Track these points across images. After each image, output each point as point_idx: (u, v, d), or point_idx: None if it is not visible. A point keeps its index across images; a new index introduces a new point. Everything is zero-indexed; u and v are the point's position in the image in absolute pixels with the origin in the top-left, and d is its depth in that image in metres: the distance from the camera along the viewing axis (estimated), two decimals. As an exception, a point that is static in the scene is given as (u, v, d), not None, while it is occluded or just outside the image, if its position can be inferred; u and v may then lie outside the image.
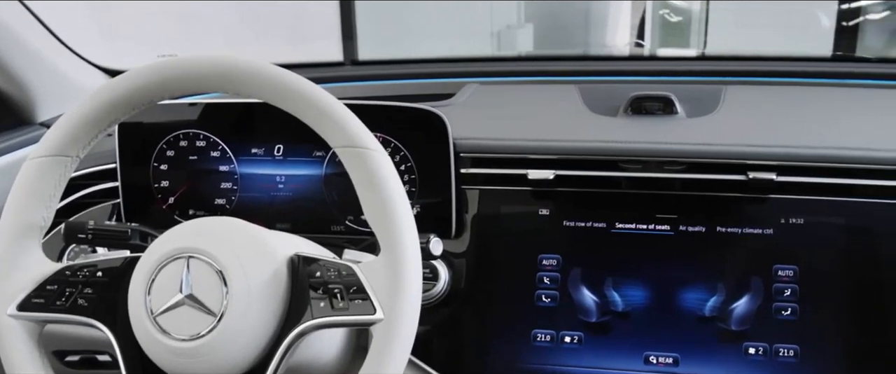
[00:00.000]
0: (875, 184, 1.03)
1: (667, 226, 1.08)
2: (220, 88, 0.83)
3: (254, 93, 0.82)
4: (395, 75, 1.43)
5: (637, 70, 1.38)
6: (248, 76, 0.81)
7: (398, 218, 0.80)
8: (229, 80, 0.82)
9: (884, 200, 1.03)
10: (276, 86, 0.81)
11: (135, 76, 0.84)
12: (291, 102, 0.82)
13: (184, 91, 0.85)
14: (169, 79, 0.84)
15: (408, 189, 1.11)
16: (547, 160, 1.10)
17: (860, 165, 1.04)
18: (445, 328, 1.11)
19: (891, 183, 1.03)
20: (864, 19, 4.01)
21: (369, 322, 0.78)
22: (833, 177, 1.04)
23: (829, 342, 1.02)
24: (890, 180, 1.03)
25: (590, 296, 1.08)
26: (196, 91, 0.85)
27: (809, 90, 1.30)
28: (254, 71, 0.81)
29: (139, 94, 0.84)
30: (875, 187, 1.03)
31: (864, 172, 1.04)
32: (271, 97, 0.82)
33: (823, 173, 1.04)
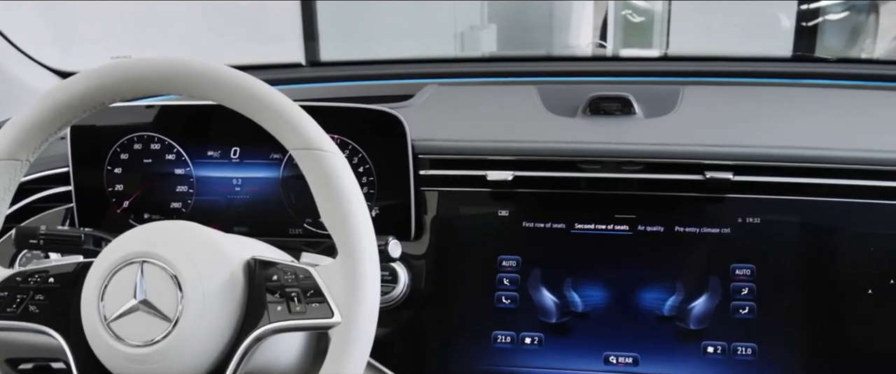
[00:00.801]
0: (831, 183, 1.05)
1: (625, 226, 1.09)
2: (174, 90, 0.83)
3: (207, 95, 0.82)
4: (353, 76, 1.44)
5: (596, 70, 1.40)
6: (202, 78, 0.81)
7: (355, 220, 0.80)
8: (182, 82, 0.82)
9: (839, 198, 1.05)
10: (230, 88, 0.81)
11: (86, 78, 0.83)
12: (246, 105, 0.82)
13: (136, 93, 0.84)
14: (121, 81, 0.83)
15: (366, 191, 1.11)
16: (506, 161, 1.11)
17: (816, 164, 1.06)
18: (405, 331, 1.12)
19: (846, 182, 1.05)
20: (824, 20, 4.08)
21: (327, 326, 0.78)
22: (789, 176, 1.06)
23: (785, 339, 1.04)
24: (845, 179, 1.05)
25: (549, 297, 1.09)
26: (149, 93, 0.84)
27: (767, 90, 1.32)
28: (207, 73, 0.81)
29: (91, 96, 0.84)
30: (831, 186, 1.05)
31: (820, 172, 1.06)
32: (225, 99, 0.82)
33: (780, 173, 1.06)
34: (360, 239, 0.80)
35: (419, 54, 1.63)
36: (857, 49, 4.33)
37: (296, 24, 3.39)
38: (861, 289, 1.02)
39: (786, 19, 4.07)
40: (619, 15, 4.83)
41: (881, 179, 1.04)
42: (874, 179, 1.04)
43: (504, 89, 1.34)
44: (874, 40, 4.39)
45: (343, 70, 1.48)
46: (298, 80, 1.43)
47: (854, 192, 1.05)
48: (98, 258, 0.82)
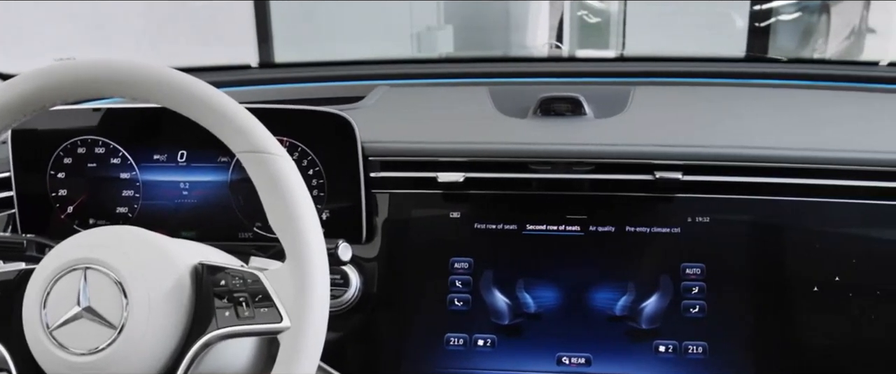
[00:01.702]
0: (779, 182, 1.07)
1: (577, 227, 1.10)
2: (117, 92, 0.82)
3: (151, 97, 0.82)
4: (304, 78, 1.43)
5: (547, 71, 1.41)
6: (144, 80, 0.81)
7: (303, 224, 0.80)
8: (125, 84, 0.81)
9: (787, 197, 1.07)
10: (174, 90, 0.81)
11: (26, 80, 0.82)
12: (190, 107, 0.81)
13: (78, 96, 0.83)
14: (62, 83, 0.82)
15: (316, 194, 1.11)
16: (456, 163, 1.11)
17: (765, 163, 1.08)
18: (358, 334, 1.12)
19: (794, 181, 1.07)
20: (777, 20, 4.15)
21: (276, 330, 0.78)
22: (738, 176, 1.08)
23: (735, 338, 1.06)
24: (794, 178, 1.07)
25: (502, 298, 1.10)
26: (91, 96, 0.84)
27: (718, 90, 1.34)
28: (149, 75, 0.81)
29: (31, 99, 0.83)
30: (779, 185, 1.07)
31: (768, 171, 1.08)
32: (169, 102, 0.81)
33: (729, 172, 1.08)
34: (308, 242, 0.80)
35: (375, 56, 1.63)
36: (810, 49, 4.40)
37: (250, 27, 3.38)
38: (807, 287, 1.05)
39: (740, 20, 4.12)
40: (574, 16, 4.86)
41: (828, 178, 1.06)
42: (822, 178, 1.06)
43: (455, 90, 1.34)
44: (826, 40, 4.47)
45: (294, 72, 1.47)
46: (248, 82, 1.43)
47: (801, 191, 1.07)
48: (40, 265, 0.81)
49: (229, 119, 0.81)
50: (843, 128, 1.15)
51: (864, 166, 1.06)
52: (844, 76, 1.37)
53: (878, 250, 1.05)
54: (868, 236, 1.06)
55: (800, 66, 1.51)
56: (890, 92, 1.31)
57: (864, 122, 1.18)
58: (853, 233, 1.06)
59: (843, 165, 1.06)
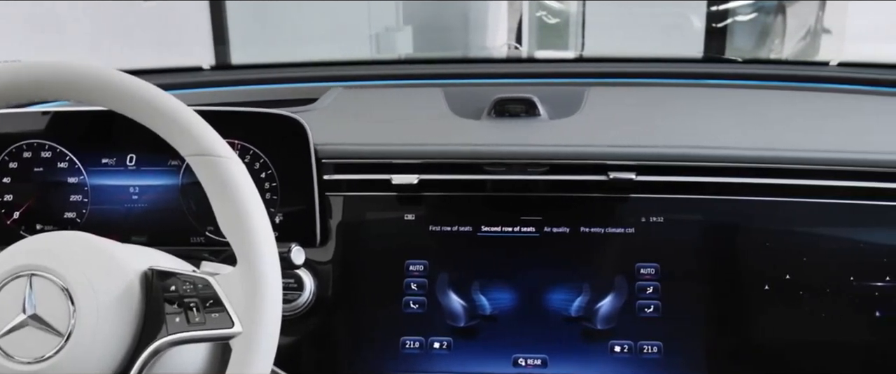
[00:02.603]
0: (731, 181, 1.09)
1: (532, 228, 1.11)
2: (61, 95, 0.82)
3: (96, 100, 0.81)
4: (257, 80, 1.42)
5: (502, 72, 1.42)
6: (89, 82, 0.80)
7: (254, 227, 0.80)
8: (70, 86, 0.81)
9: (739, 197, 1.09)
10: (119, 92, 0.80)
11: None
12: (137, 109, 0.81)
13: (21, 99, 0.83)
14: (6, 86, 0.81)
15: (269, 197, 1.11)
16: (411, 165, 1.12)
17: (716, 163, 1.09)
18: (312, 338, 1.12)
19: (746, 180, 1.09)
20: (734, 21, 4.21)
21: (227, 336, 0.78)
22: (691, 176, 1.09)
23: (690, 337, 1.07)
24: (745, 178, 1.09)
25: (457, 301, 1.10)
26: (35, 99, 0.83)
27: (673, 91, 1.36)
28: (94, 77, 0.80)
29: None
30: (731, 185, 1.09)
31: (720, 170, 1.09)
32: (115, 104, 0.81)
33: (682, 172, 1.09)
34: (259, 246, 0.80)
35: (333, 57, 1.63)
36: (767, 49, 4.48)
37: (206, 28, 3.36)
38: (758, 285, 1.06)
39: (698, 21, 4.18)
40: (533, 16, 4.89)
41: (780, 178, 1.08)
42: (773, 178, 1.08)
43: (410, 92, 1.35)
44: (783, 41, 4.54)
45: (247, 73, 1.46)
46: (200, 84, 1.41)
47: (753, 190, 1.08)
48: (-17, 272, 0.80)
49: (177, 122, 0.81)
50: (794, 127, 1.17)
51: (813, 165, 1.08)
52: (797, 76, 1.39)
53: (828, 248, 1.07)
54: (818, 235, 1.08)
55: (754, 66, 1.53)
56: (840, 91, 1.33)
57: (814, 121, 1.20)
58: (804, 231, 1.08)
59: (794, 165, 1.08)
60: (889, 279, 1.06)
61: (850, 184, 1.07)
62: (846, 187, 1.07)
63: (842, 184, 1.07)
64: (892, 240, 1.07)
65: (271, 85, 1.42)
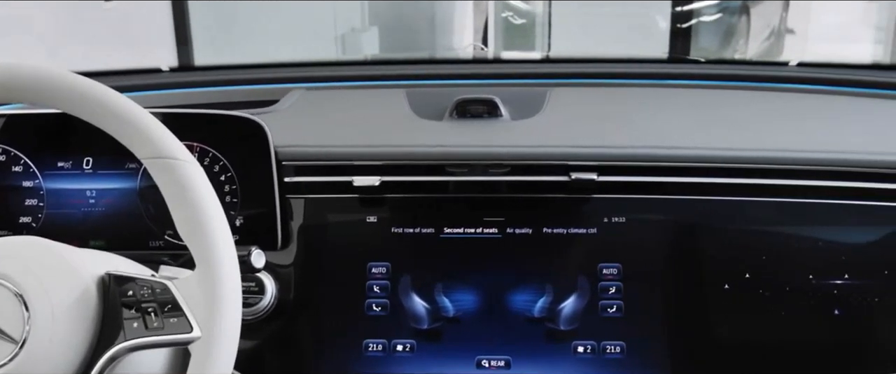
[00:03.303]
0: (691, 181, 1.10)
1: (494, 229, 1.11)
2: (14, 97, 0.81)
3: (49, 102, 0.80)
4: (218, 81, 1.42)
5: (465, 73, 1.42)
6: (42, 84, 0.79)
7: (212, 231, 0.79)
8: (23, 88, 0.80)
9: (699, 196, 1.10)
10: (73, 94, 0.80)
11: None
12: (91, 112, 0.80)
13: None
14: None
15: (229, 200, 1.10)
16: (372, 166, 1.12)
17: (676, 162, 1.10)
18: (274, 342, 1.11)
19: (706, 180, 1.10)
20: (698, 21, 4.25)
21: (186, 341, 0.78)
22: (652, 176, 1.10)
23: (651, 336, 1.08)
24: (705, 177, 1.10)
25: (420, 303, 1.10)
26: (-14, 101, 0.82)
27: (635, 91, 1.37)
28: (47, 78, 0.79)
29: None
30: (691, 184, 1.10)
31: (681, 170, 1.10)
32: (69, 106, 0.80)
33: (643, 172, 1.10)
34: (217, 250, 0.79)
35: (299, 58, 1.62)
36: (732, 50, 4.53)
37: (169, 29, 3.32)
38: (719, 284, 1.07)
39: (663, 21, 4.21)
40: (499, 17, 4.91)
41: (739, 177, 1.09)
42: (733, 177, 1.09)
43: (372, 93, 1.35)
44: (747, 41, 4.60)
45: (207, 75, 1.46)
46: (159, 86, 1.40)
47: (713, 189, 1.09)
48: (-66, 279, 0.79)
49: (133, 124, 0.80)
50: (754, 127, 1.19)
51: (772, 165, 1.09)
52: (758, 76, 1.41)
53: (787, 247, 1.09)
54: (778, 234, 1.09)
55: (717, 67, 1.54)
56: (800, 91, 1.35)
57: (773, 121, 1.22)
58: (763, 230, 1.09)
59: (753, 164, 1.09)
60: (848, 277, 1.07)
61: (808, 183, 1.09)
62: (805, 186, 1.09)
63: (800, 183, 1.09)
64: (851, 238, 1.09)
65: (232, 86, 1.42)
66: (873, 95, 1.35)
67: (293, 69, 1.47)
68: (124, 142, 0.81)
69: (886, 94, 1.35)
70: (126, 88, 1.32)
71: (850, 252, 1.08)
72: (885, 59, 4.13)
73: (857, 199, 1.09)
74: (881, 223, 1.09)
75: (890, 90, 1.35)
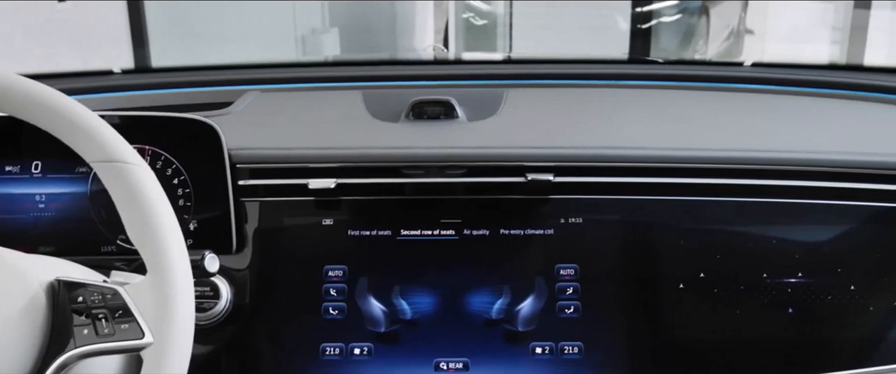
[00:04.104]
0: (646, 181, 1.11)
1: (451, 231, 1.12)
2: None
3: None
4: (173, 83, 1.41)
5: (422, 74, 1.42)
6: None
7: (163, 235, 0.79)
8: None
9: (654, 196, 1.11)
10: (20, 97, 0.79)
11: None
12: (39, 115, 0.79)
13: None
14: None
15: (182, 204, 1.09)
16: (328, 169, 1.11)
17: (631, 163, 1.11)
18: (230, 347, 1.11)
19: (661, 180, 1.11)
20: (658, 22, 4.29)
21: (138, 347, 0.77)
22: (607, 176, 1.11)
23: (610, 337, 1.09)
24: (660, 177, 1.11)
25: (378, 306, 1.10)
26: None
27: (592, 92, 1.38)
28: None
29: None
30: (646, 185, 1.11)
31: (636, 170, 1.11)
32: (15, 110, 0.79)
33: (599, 173, 1.11)
34: (169, 254, 0.79)
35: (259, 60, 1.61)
36: (691, 50, 4.58)
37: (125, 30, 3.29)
38: (674, 284, 1.09)
39: (624, 22, 4.25)
40: (460, 18, 4.92)
41: (693, 177, 1.11)
42: (687, 177, 1.11)
43: (327, 95, 1.34)
44: (707, 42, 4.65)
45: (161, 77, 1.44)
46: (111, 88, 1.39)
47: (668, 189, 1.11)
48: None
49: (81, 127, 0.79)
50: (709, 127, 1.20)
51: (726, 165, 1.11)
52: (713, 77, 1.43)
53: (741, 246, 1.10)
54: (732, 233, 1.11)
55: (674, 67, 1.56)
56: (754, 91, 1.37)
57: (727, 121, 1.23)
58: (717, 230, 1.11)
59: (706, 164, 1.11)
60: (802, 276, 1.09)
61: (762, 183, 1.10)
62: (759, 185, 1.10)
63: (754, 183, 1.10)
64: (804, 237, 1.11)
65: (187, 89, 1.41)
66: (828, 95, 1.37)
67: (248, 71, 1.47)
68: (73, 145, 0.80)
69: (841, 94, 1.37)
70: (76, 91, 1.31)
71: (804, 251, 1.10)
72: (841, 59, 4.20)
73: (811, 198, 1.11)
74: (834, 222, 1.11)
75: (845, 90, 1.37)
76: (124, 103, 1.34)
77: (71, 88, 1.31)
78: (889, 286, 1.09)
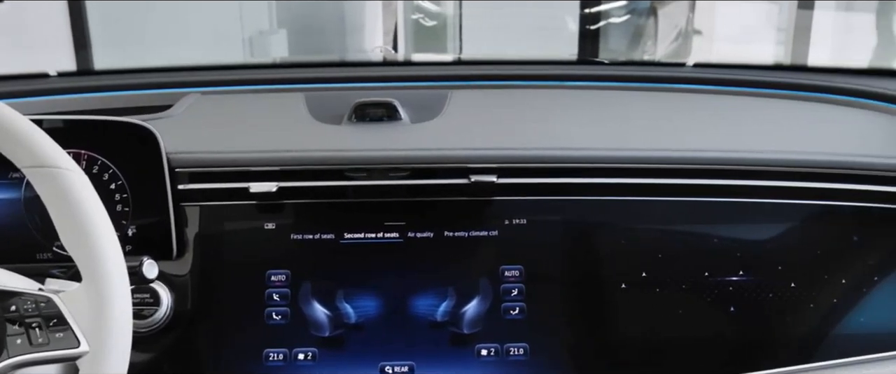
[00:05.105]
0: (588, 182, 1.12)
1: (395, 233, 1.12)
2: None
3: None
4: (111, 86, 1.39)
5: (366, 76, 1.42)
6: None
7: (97, 242, 0.78)
8: None
9: (597, 197, 1.12)
10: None
11: None
12: None
13: None
14: None
15: (120, 209, 1.08)
16: (269, 172, 1.11)
17: (573, 164, 1.12)
18: (172, 354, 1.10)
19: (603, 180, 1.12)
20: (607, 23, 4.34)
21: (73, 356, 0.76)
22: (550, 177, 1.12)
23: (555, 337, 1.10)
24: (602, 178, 1.12)
25: (322, 310, 1.10)
26: None
27: (537, 93, 1.39)
28: None
29: None
30: (588, 185, 1.12)
31: (578, 171, 1.12)
32: None
33: (541, 174, 1.12)
34: (104, 261, 0.78)
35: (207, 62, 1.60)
36: (640, 51, 4.63)
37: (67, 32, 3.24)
38: (616, 284, 1.10)
39: (573, 23, 4.28)
40: (409, 19, 4.92)
41: (633, 177, 1.12)
42: (628, 177, 1.12)
43: (269, 97, 1.33)
44: (655, 42, 4.71)
45: (100, 80, 1.42)
46: (47, 91, 1.36)
47: (610, 190, 1.12)
48: None
49: (11, 132, 0.78)
50: (650, 127, 1.22)
51: (667, 165, 1.12)
52: (657, 78, 1.44)
53: (682, 245, 1.12)
54: (673, 232, 1.13)
55: (618, 68, 1.58)
56: (697, 92, 1.39)
57: (669, 121, 1.25)
58: (659, 229, 1.13)
59: (648, 164, 1.12)
60: (743, 274, 1.11)
61: (703, 182, 1.12)
62: (700, 185, 1.12)
63: (695, 182, 1.12)
64: (745, 235, 1.13)
65: (126, 92, 1.39)
66: (772, 95, 1.39)
67: (189, 73, 1.45)
68: (3, 151, 0.79)
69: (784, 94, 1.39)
70: (9, 94, 1.29)
71: (745, 250, 1.12)
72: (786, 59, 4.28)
73: (751, 197, 1.13)
74: (775, 221, 1.13)
75: (788, 90, 1.40)
76: (60, 107, 1.32)
77: (3, 92, 1.29)
78: (829, 283, 1.12)
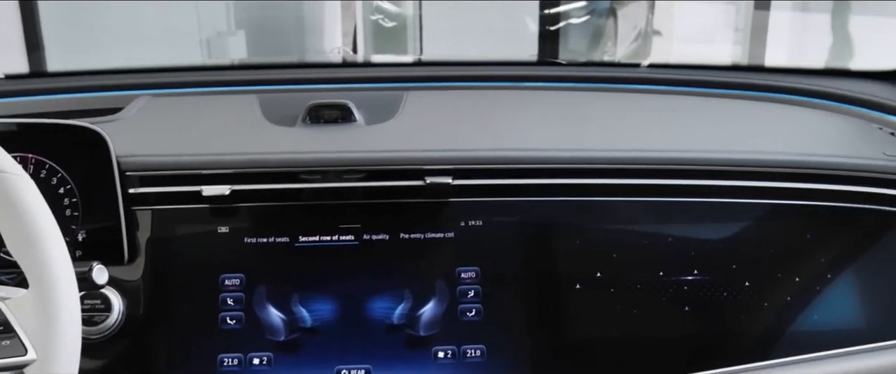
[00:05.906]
0: (543, 183, 1.13)
1: (351, 236, 1.12)
2: None
3: None
4: (60, 89, 1.37)
5: (321, 78, 1.42)
6: None
7: (44, 247, 0.77)
8: None
9: (552, 198, 1.13)
10: None
11: None
12: None
13: None
14: None
15: (70, 214, 1.07)
16: (222, 175, 1.10)
17: (528, 165, 1.13)
18: (124, 361, 1.08)
19: (557, 181, 1.13)
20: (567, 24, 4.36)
21: (20, 364, 0.75)
22: (506, 178, 1.13)
23: (510, 338, 1.10)
24: (556, 179, 1.13)
25: (276, 314, 1.10)
26: None
27: (493, 94, 1.40)
28: None
29: None
30: (543, 186, 1.13)
31: (532, 172, 1.13)
32: None
33: (496, 175, 1.13)
34: (51, 267, 0.77)
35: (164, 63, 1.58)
36: (600, 52, 4.66)
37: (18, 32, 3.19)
38: (571, 284, 1.11)
39: (533, 24, 4.30)
40: (368, 20, 4.92)
41: (588, 177, 1.13)
42: (582, 178, 1.13)
43: (222, 99, 1.33)
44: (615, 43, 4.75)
45: (49, 82, 1.41)
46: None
47: (564, 190, 1.13)
48: None
49: None
50: (605, 128, 1.23)
51: (620, 165, 1.13)
52: (612, 78, 1.46)
53: (636, 245, 1.13)
54: (627, 232, 1.14)
55: (575, 68, 1.59)
56: (654, 92, 1.41)
57: (623, 121, 1.26)
58: (613, 229, 1.14)
59: (602, 165, 1.13)
60: (697, 274, 1.12)
61: (656, 182, 1.13)
62: (653, 185, 1.13)
63: (648, 182, 1.13)
64: (700, 235, 1.14)
65: (76, 94, 1.37)
66: (728, 96, 1.41)
67: (140, 75, 1.44)
68: None
69: (740, 94, 1.42)
70: (-44, 98, 1.27)
71: (699, 249, 1.13)
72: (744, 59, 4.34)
73: (706, 196, 1.14)
74: (729, 220, 1.15)
75: (744, 90, 1.42)
76: (8, 110, 1.30)
77: (-52, 96, 1.28)
78: (783, 282, 1.13)
